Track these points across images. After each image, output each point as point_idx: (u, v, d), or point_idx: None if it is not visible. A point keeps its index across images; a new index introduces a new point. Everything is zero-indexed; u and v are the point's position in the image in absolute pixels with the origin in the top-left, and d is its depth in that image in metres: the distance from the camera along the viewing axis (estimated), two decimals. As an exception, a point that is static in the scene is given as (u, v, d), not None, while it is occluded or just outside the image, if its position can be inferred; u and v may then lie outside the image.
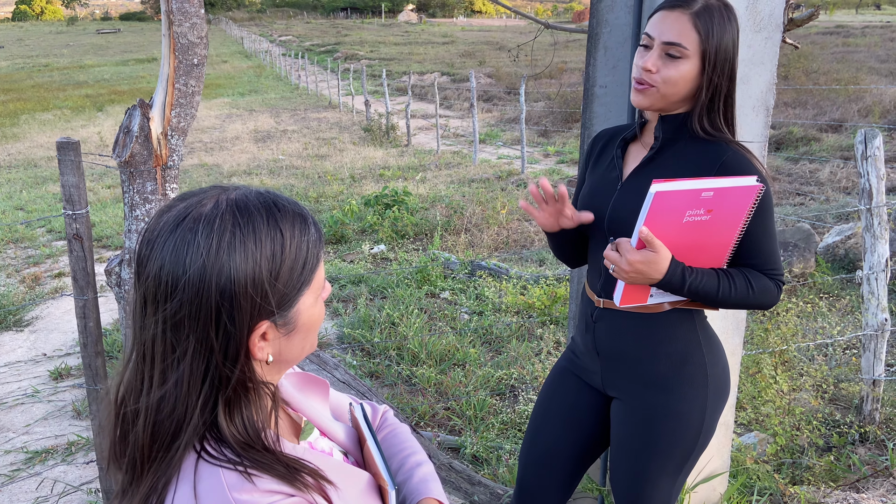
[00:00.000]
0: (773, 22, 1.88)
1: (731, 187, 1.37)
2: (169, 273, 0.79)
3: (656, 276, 1.45)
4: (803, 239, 5.97)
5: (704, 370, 1.63)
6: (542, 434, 1.84)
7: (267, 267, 0.81)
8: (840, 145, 10.52)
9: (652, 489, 1.70)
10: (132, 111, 2.03)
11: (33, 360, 4.57)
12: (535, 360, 4.12)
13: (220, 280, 0.78)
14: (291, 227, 0.84)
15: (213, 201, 0.82)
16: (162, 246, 0.80)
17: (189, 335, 0.80)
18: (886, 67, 19.23)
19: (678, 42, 1.47)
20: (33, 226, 8.02)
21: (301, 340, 0.89)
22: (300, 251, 0.84)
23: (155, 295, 0.80)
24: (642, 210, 1.39)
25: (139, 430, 0.82)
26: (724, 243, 1.48)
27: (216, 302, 0.79)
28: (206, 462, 0.81)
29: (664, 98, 1.51)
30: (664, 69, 1.49)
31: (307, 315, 0.88)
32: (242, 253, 0.80)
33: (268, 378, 0.89)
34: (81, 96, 22.56)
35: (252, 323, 0.81)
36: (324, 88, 23.07)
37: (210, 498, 0.78)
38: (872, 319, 3.17)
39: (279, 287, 0.82)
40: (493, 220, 7.40)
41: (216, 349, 0.80)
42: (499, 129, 15.14)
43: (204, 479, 0.80)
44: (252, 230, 0.81)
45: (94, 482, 3.11)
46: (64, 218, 2.06)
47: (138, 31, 71.79)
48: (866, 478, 2.82)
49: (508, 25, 65.48)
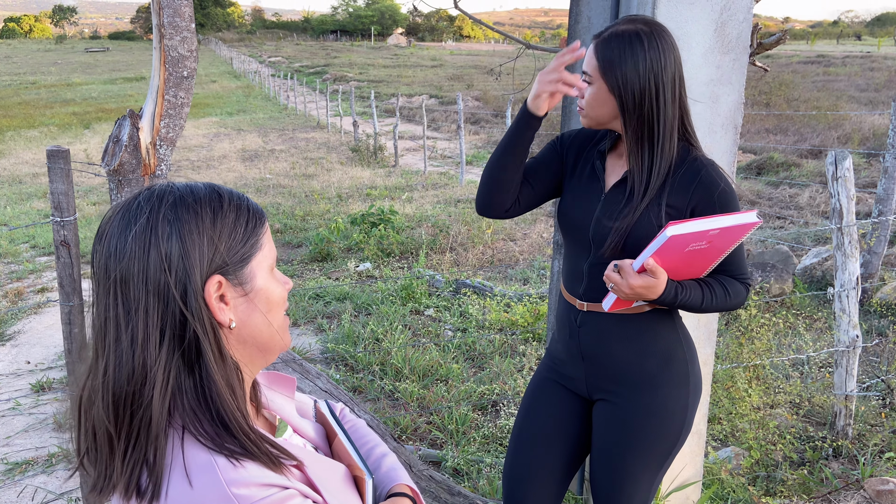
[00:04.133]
0: (741, 44, 1.97)
1: (736, 225, 1.48)
2: (116, 244, 0.83)
3: (653, 298, 1.54)
4: (781, 261, 6.08)
5: (686, 367, 1.71)
6: (527, 446, 1.85)
7: (209, 220, 0.86)
8: (820, 171, 10.72)
9: (634, 487, 1.74)
10: (122, 121, 2.08)
11: (14, 374, 4.55)
12: (518, 376, 4.17)
13: (165, 234, 0.83)
14: (228, 194, 0.90)
15: (145, 190, 0.89)
16: (108, 230, 0.85)
17: (140, 288, 0.82)
18: (866, 96, 19.64)
19: (585, 69, 1.62)
20: (17, 241, 8.00)
21: (262, 316, 0.91)
22: (241, 211, 0.89)
23: (105, 271, 0.83)
24: (652, 244, 1.47)
25: (98, 410, 0.83)
26: (711, 262, 1.59)
27: (165, 252, 0.82)
28: (193, 443, 0.82)
29: (593, 118, 1.65)
30: (586, 93, 1.63)
31: (262, 281, 0.91)
32: (183, 210, 0.85)
33: (243, 365, 0.91)
34: (68, 114, 22.53)
35: (203, 274, 0.84)
36: (312, 109, 23.19)
37: (207, 492, 0.79)
38: (844, 336, 3.25)
39: (223, 238, 0.86)
40: (478, 240, 7.47)
41: (174, 297, 0.82)
42: (486, 151, 15.28)
43: (200, 473, 0.80)
44: (191, 192, 0.87)
45: (75, 492, 3.11)
46: (52, 224, 2.09)
47: (127, 50, 71.93)
48: (838, 490, 2.88)
49: (497, 50, 66.18)
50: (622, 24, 1.58)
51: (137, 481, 0.81)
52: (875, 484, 2.82)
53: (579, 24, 2.16)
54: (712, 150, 2.05)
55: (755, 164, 11.51)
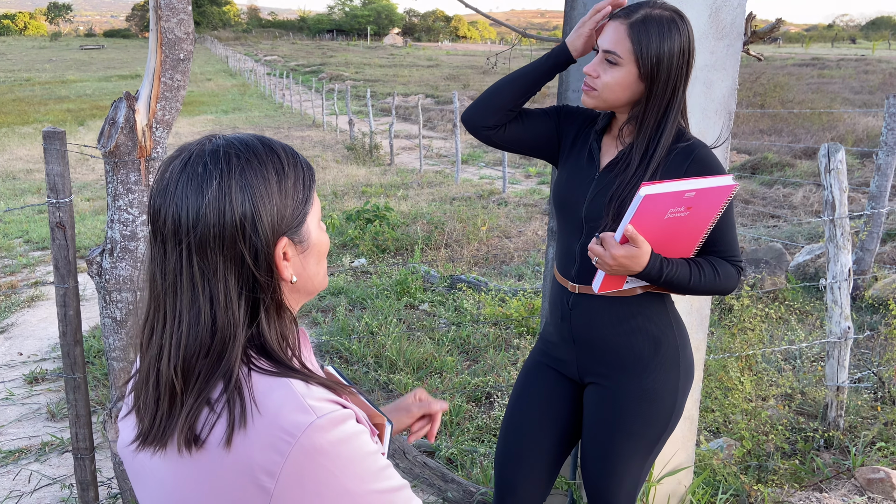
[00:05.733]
0: (735, 30, 1.99)
1: (711, 187, 1.48)
2: (188, 207, 0.85)
3: (637, 269, 1.54)
4: (775, 258, 6.11)
5: (677, 351, 1.72)
6: (519, 428, 1.86)
7: (276, 183, 0.89)
8: (813, 171, 10.76)
9: (624, 470, 1.75)
10: (118, 103, 2.08)
11: (7, 365, 4.54)
12: (512, 369, 4.18)
13: (238, 198, 0.85)
14: (283, 152, 0.92)
15: (211, 141, 0.90)
16: (175, 189, 0.86)
17: (216, 254, 0.85)
18: (860, 98, 19.74)
19: (612, 49, 1.59)
20: (10, 236, 7.98)
21: (315, 265, 0.96)
22: (297, 170, 0.92)
23: (176, 233, 0.86)
24: (629, 209, 1.48)
25: (163, 365, 0.86)
26: (696, 235, 1.59)
27: (240, 218, 0.85)
28: (263, 374, 0.86)
29: (605, 101, 1.63)
30: (604, 74, 1.61)
31: (316, 235, 0.95)
32: (251, 173, 0.87)
33: (294, 309, 0.97)
34: (63, 111, 22.47)
35: (274, 237, 0.88)
36: (308, 108, 23.18)
37: (286, 403, 0.83)
38: (836, 327, 3.27)
39: (289, 202, 0.90)
40: (473, 237, 7.48)
41: (247, 260, 0.86)
42: (481, 150, 15.30)
43: (272, 388, 0.85)
44: (253, 155, 0.89)
45: (69, 479, 3.11)
46: (48, 206, 2.10)
47: (122, 47, 71.71)
48: (829, 479, 2.90)
49: (493, 50, 66.17)
50: (651, 8, 1.57)
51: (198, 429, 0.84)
52: (866, 472, 2.84)
53: (575, 11, 2.18)
54: (706, 135, 2.07)
55: (749, 164, 11.55)
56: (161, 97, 2.05)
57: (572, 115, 1.81)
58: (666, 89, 1.59)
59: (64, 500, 2.98)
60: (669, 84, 1.58)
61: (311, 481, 0.81)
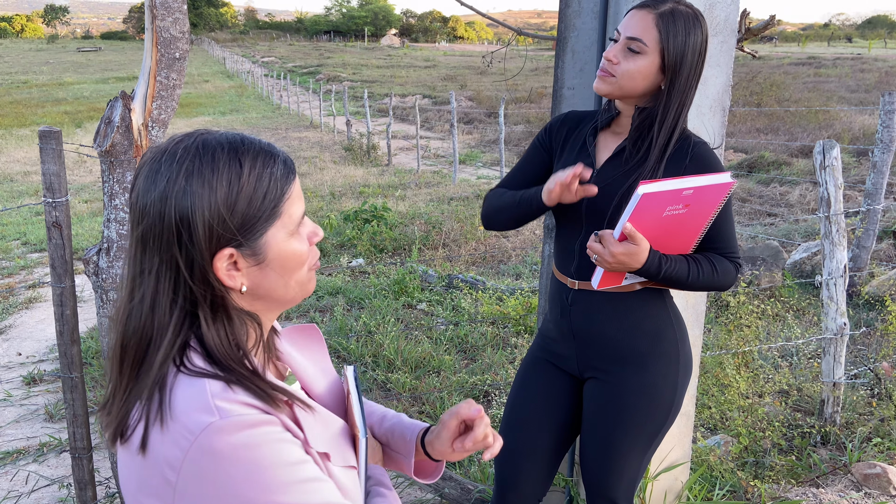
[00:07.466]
0: (729, 27, 2.00)
1: (709, 185, 1.49)
2: (141, 198, 0.87)
3: (636, 266, 1.55)
4: (772, 255, 6.12)
5: (676, 346, 1.73)
6: (520, 424, 1.87)
7: (224, 194, 0.86)
8: (810, 169, 10.78)
9: (623, 464, 1.76)
10: (114, 102, 2.09)
11: (5, 367, 4.54)
12: (510, 367, 4.18)
13: (179, 203, 0.84)
14: (253, 160, 0.89)
15: (187, 138, 0.89)
16: (138, 177, 0.89)
17: (154, 254, 0.86)
18: (856, 97, 19.78)
19: (639, 37, 1.57)
20: (8, 238, 7.98)
21: (279, 277, 0.92)
22: (260, 182, 0.88)
23: (133, 219, 0.88)
24: (627, 207, 1.48)
25: (113, 342, 0.89)
26: (694, 232, 1.60)
27: (176, 224, 0.84)
28: (186, 374, 0.86)
29: (621, 88, 1.61)
30: (624, 62, 1.59)
31: (277, 250, 0.91)
32: (199, 180, 0.85)
33: (260, 314, 0.95)
34: (60, 113, 22.45)
35: (212, 247, 0.86)
36: (305, 109, 23.17)
37: (193, 402, 0.83)
38: (832, 324, 3.28)
39: (237, 215, 0.87)
40: (471, 236, 7.49)
41: (181, 267, 0.86)
42: (479, 151, 15.31)
43: (186, 387, 0.85)
44: (211, 159, 0.86)
45: (67, 479, 3.11)
46: (44, 206, 2.10)
47: (119, 49, 71.63)
48: (825, 474, 2.91)
49: (490, 51, 66.17)
50: (677, 3, 1.59)
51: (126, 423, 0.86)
52: (862, 468, 2.85)
53: (570, 9, 2.18)
54: (700, 131, 2.07)
55: (746, 163, 11.57)
56: (157, 96, 2.06)
57: (560, 124, 1.83)
58: (687, 84, 1.60)
59: (62, 500, 2.98)
60: (690, 79, 1.60)
61: (210, 482, 0.81)
